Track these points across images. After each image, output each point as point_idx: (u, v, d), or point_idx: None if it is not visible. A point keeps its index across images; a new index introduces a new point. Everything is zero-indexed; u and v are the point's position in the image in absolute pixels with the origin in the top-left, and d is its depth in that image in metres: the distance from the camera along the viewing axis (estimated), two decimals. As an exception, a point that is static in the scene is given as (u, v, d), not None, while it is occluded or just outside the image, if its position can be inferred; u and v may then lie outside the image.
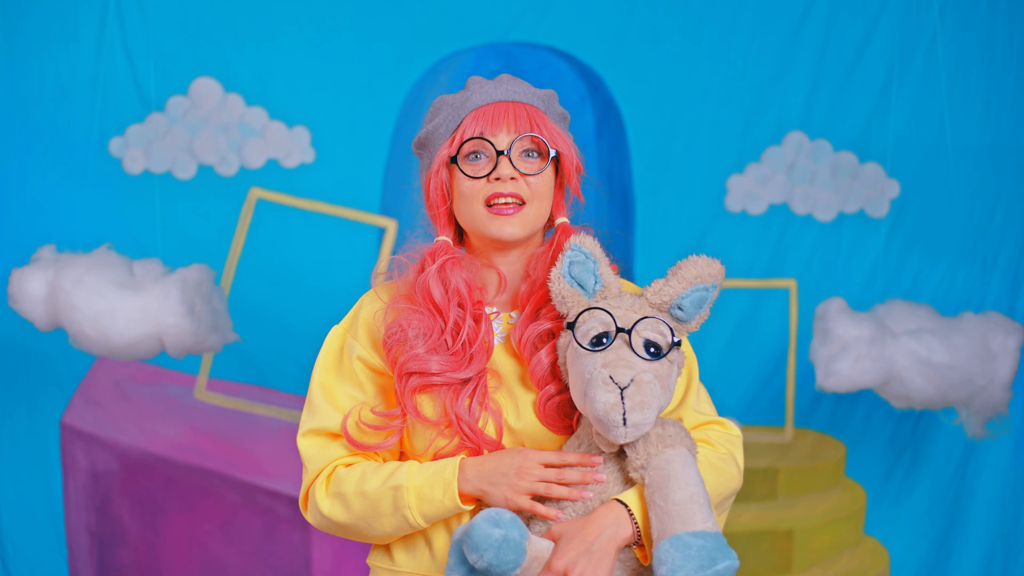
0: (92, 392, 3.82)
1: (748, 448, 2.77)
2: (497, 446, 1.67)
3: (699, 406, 1.79)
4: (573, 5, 3.85)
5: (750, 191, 3.92)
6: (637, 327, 1.60)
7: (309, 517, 1.75)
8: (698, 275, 1.63)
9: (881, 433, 3.94)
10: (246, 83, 3.80)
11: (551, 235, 1.78)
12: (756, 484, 3.81)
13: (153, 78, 3.77)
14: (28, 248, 3.49)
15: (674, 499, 1.54)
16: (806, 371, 3.77)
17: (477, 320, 1.71)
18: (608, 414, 1.55)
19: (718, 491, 1.70)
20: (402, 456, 1.76)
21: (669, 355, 1.61)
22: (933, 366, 3.33)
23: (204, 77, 3.78)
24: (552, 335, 1.70)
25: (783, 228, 3.93)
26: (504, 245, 1.73)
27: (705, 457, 1.69)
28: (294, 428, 4.06)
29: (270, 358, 3.83)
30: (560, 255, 1.67)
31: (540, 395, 1.68)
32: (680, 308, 1.63)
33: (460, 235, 1.80)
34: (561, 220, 1.77)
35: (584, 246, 1.67)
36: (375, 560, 1.79)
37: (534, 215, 1.71)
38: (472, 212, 1.71)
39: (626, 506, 1.59)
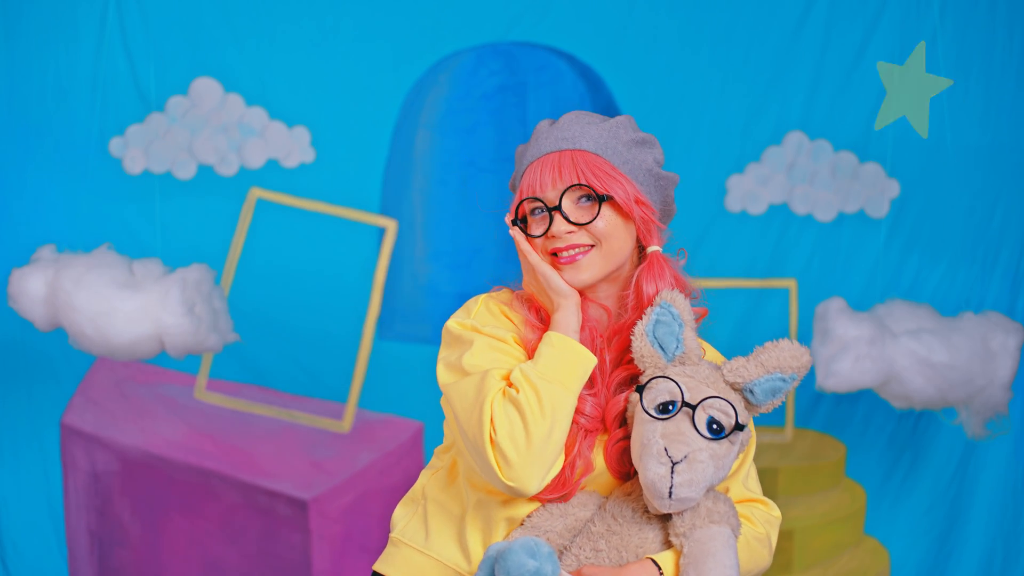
0: (92, 392, 3.82)
1: (748, 448, 2.77)
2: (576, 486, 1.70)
3: (748, 483, 1.80)
4: (573, 5, 3.85)
5: (750, 191, 3.91)
6: (704, 403, 1.60)
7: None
8: (779, 365, 1.65)
9: (881, 433, 3.94)
10: (246, 83, 3.80)
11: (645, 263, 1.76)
12: (756, 484, 3.81)
13: (153, 78, 3.76)
14: (28, 248, 3.48)
15: None
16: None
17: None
18: (656, 485, 1.57)
19: (747, 569, 1.71)
20: None
21: (731, 436, 1.61)
22: (933, 366, 3.32)
23: (204, 77, 3.78)
24: (634, 379, 1.71)
25: (783, 228, 3.93)
26: (583, 289, 1.73)
27: (743, 535, 1.70)
28: (294, 428, 4.07)
29: (270, 358, 3.83)
30: (648, 309, 1.66)
31: (610, 437, 1.69)
32: (751, 392, 1.64)
33: None
34: (653, 249, 1.74)
35: (675, 306, 1.66)
36: (406, 535, 1.77)
37: (604, 256, 1.70)
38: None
39: (659, 568, 1.61)
